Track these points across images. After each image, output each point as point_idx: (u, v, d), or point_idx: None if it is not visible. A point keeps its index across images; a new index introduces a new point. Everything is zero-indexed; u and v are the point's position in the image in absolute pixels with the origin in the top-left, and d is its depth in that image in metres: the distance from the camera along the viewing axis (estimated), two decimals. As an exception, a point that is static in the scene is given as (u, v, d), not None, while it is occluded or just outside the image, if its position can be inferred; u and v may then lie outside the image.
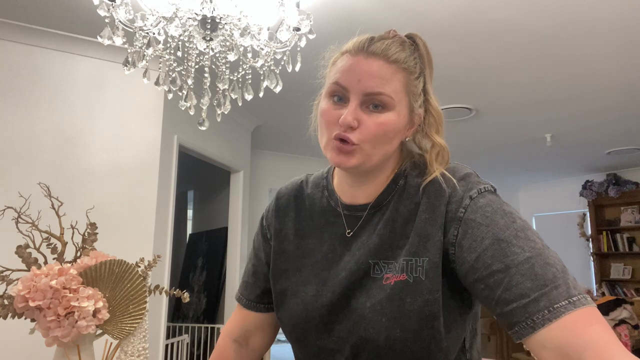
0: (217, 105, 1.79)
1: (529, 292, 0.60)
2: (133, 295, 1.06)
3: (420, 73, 0.76)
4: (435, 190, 0.73)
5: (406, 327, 0.69)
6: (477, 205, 0.69)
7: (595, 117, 3.98)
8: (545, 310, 0.59)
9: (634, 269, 5.84)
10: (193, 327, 4.29)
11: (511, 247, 0.64)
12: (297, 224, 0.86)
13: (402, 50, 0.74)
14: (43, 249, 1.09)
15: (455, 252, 0.69)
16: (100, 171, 2.66)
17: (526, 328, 0.60)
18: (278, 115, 4.07)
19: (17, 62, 2.55)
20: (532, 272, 0.61)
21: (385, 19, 2.35)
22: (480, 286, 0.65)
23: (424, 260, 0.70)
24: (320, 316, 0.76)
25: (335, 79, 0.74)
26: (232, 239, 4.13)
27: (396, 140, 0.76)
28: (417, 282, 0.70)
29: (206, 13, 1.59)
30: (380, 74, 0.71)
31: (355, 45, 0.74)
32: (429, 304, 0.69)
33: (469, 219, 0.68)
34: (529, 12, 2.37)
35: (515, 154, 5.29)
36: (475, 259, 0.65)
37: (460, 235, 0.68)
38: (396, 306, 0.70)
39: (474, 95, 3.44)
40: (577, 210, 6.35)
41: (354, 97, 0.72)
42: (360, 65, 0.72)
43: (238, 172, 4.14)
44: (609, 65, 2.99)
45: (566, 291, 0.60)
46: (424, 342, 0.68)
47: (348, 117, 0.70)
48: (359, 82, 0.71)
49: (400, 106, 0.73)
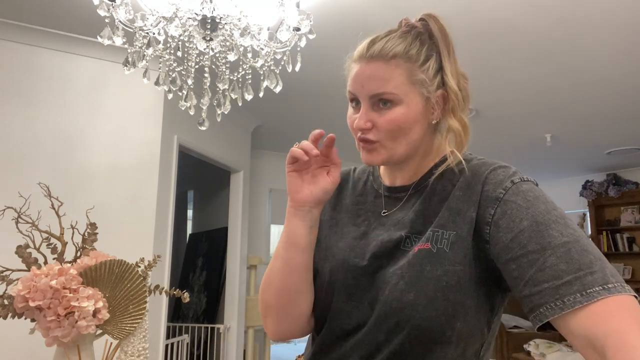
0: (217, 105, 1.79)
1: (562, 274, 0.59)
2: (133, 295, 1.06)
3: (427, 57, 0.77)
4: (472, 170, 0.75)
5: (420, 292, 0.69)
6: (520, 189, 0.69)
7: (595, 117, 3.98)
8: (577, 294, 0.57)
9: (634, 269, 5.84)
10: (193, 327, 4.29)
11: (549, 230, 0.63)
12: (336, 200, 0.90)
13: (401, 42, 0.76)
14: (43, 249, 1.09)
15: (490, 231, 0.69)
16: (100, 171, 2.66)
17: (554, 309, 0.58)
18: (278, 115, 4.07)
19: (17, 62, 2.55)
20: (569, 255, 0.60)
21: (385, 19, 2.33)
22: (512, 266, 0.64)
23: (451, 234, 0.72)
24: (345, 279, 0.79)
25: (348, 88, 0.80)
26: (232, 239, 4.13)
27: (416, 129, 0.77)
28: (440, 252, 0.71)
29: (206, 13, 1.59)
30: (379, 75, 0.75)
31: (358, 52, 0.78)
32: (448, 274, 0.69)
33: (510, 200, 0.68)
34: (529, 13, 2.37)
35: (515, 154, 5.29)
36: (512, 239, 0.65)
37: (497, 214, 0.68)
38: (415, 272, 0.71)
39: (474, 95, 3.42)
40: (577, 210, 6.35)
41: (363, 102, 0.77)
42: (362, 71, 0.76)
43: (238, 172, 4.14)
44: (609, 66, 2.99)
45: (602, 278, 0.58)
46: (436, 312, 0.68)
47: (360, 121, 0.76)
48: (363, 87, 0.76)
49: (408, 98, 0.75)
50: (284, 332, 0.84)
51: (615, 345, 0.52)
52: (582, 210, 6.29)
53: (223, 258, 4.44)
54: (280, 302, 0.81)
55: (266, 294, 0.84)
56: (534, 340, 4.12)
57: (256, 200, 5.06)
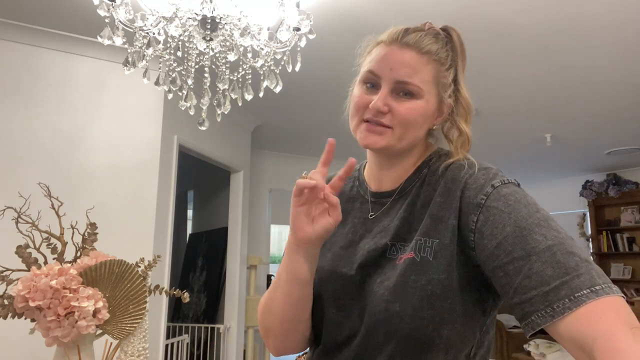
0: (217, 105, 1.79)
1: (549, 280, 0.58)
2: (133, 295, 1.06)
3: (451, 65, 0.79)
4: (452, 175, 0.75)
5: (406, 302, 0.69)
6: (500, 193, 0.69)
7: (595, 117, 3.98)
8: (566, 299, 0.57)
9: (634, 269, 5.84)
10: (193, 327, 4.29)
11: (533, 234, 0.63)
12: None
13: (435, 42, 0.77)
14: (43, 249, 1.09)
15: (475, 239, 0.68)
16: (100, 171, 2.66)
17: (545, 317, 0.58)
18: (278, 115, 4.07)
19: (17, 62, 2.55)
20: (554, 259, 0.60)
21: (385, 19, 2.33)
22: (499, 273, 0.64)
23: (434, 242, 0.71)
24: (333, 290, 0.79)
25: (369, 67, 0.77)
26: (232, 239, 4.13)
27: (424, 127, 0.79)
28: (424, 261, 0.71)
29: (206, 13, 1.59)
30: (411, 64, 0.75)
31: (390, 35, 0.78)
32: (432, 283, 0.69)
33: (491, 206, 0.68)
34: (529, 13, 2.37)
35: (515, 154, 5.29)
36: (496, 245, 0.65)
37: (480, 222, 0.68)
38: (400, 282, 0.71)
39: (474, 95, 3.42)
40: (577, 210, 6.35)
41: (385, 84, 0.75)
42: (394, 54, 0.76)
43: (238, 172, 4.14)
44: (610, 66, 2.99)
45: (589, 280, 0.57)
46: (422, 321, 0.68)
47: (378, 102, 0.74)
48: (391, 70, 0.75)
49: (429, 95, 0.76)
50: (287, 350, 0.84)
51: (604, 347, 0.52)
52: (582, 210, 6.29)
53: (223, 258, 4.44)
54: (282, 329, 0.81)
55: (267, 320, 0.82)
56: (534, 340, 4.12)
57: (256, 200, 5.06)
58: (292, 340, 0.82)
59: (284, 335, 0.81)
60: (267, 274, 5.10)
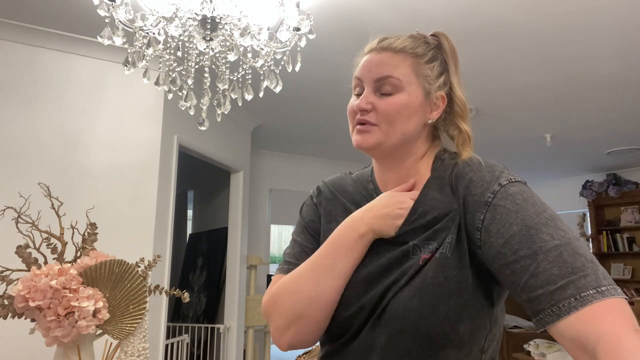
0: (217, 105, 1.79)
1: (555, 279, 0.59)
2: (133, 295, 1.06)
3: (432, 58, 0.82)
4: (458, 173, 0.76)
5: (424, 299, 0.69)
6: (508, 192, 0.69)
7: (595, 117, 3.99)
8: (571, 298, 0.57)
9: (634, 269, 5.84)
10: (193, 327, 4.29)
11: (540, 234, 0.63)
12: (328, 208, 0.90)
13: (410, 41, 0.82)
14: (43, 249, 1.09)
15: (481, 237, 0.69)
16: (100, 171, 2.66)
17: (551, 315, 0.59)
18: (278, 115, 4.07)
19: (17, 62, 2.55)
20: (560, 259, 0.60)
21: (385, 19, 2.35)
22: (506, 272, 0.65)
23: (452, 238, 0.72)
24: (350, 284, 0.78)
25: (354, 75, 0.85)
26: (232, 239, 4.13)
27: (413, 120, 0.80)
28: (443, 258, 0.71)
29: (206, 13, 1.59)
30: (386, 62, 0.80)
31: (369, 46, 0.85)
32: (449, 279, 0.69)
33: (498, 205, 0.68)
34: (529, 13, 2.37)
35: (515, 154, 5.30)
36: (503, 244, 0.65)
37: (487, 220, 0.68)
38: (419, 279, 0.71)
39: (474, 95, 3.44)
40: (577, 210, 6.35)
41: (367, 86, 0.81)
42: (372, 59, 0.82)
43: (238, 172, 4.14)
44: (609, 65, 2.99)
45: (595, 280, 0.58)
46: (438, 318, 0.68)
47: (361, 102, 0.80)
48: (370, 72, 0.81)
49: (411, 88, 0.79)
50: (308, 342, 0.80)
51: (607, 347, 0.52)
52: (582, 210, 6.29)
53: (223, 258, 4.44)
54: (325, 315, 0.78)
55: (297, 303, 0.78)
56: (534, 340, 4.12)
57: (256, 200, 5.06)
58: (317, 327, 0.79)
59: (325, 319, 0.78)
60: (267, 274, 5.10)
